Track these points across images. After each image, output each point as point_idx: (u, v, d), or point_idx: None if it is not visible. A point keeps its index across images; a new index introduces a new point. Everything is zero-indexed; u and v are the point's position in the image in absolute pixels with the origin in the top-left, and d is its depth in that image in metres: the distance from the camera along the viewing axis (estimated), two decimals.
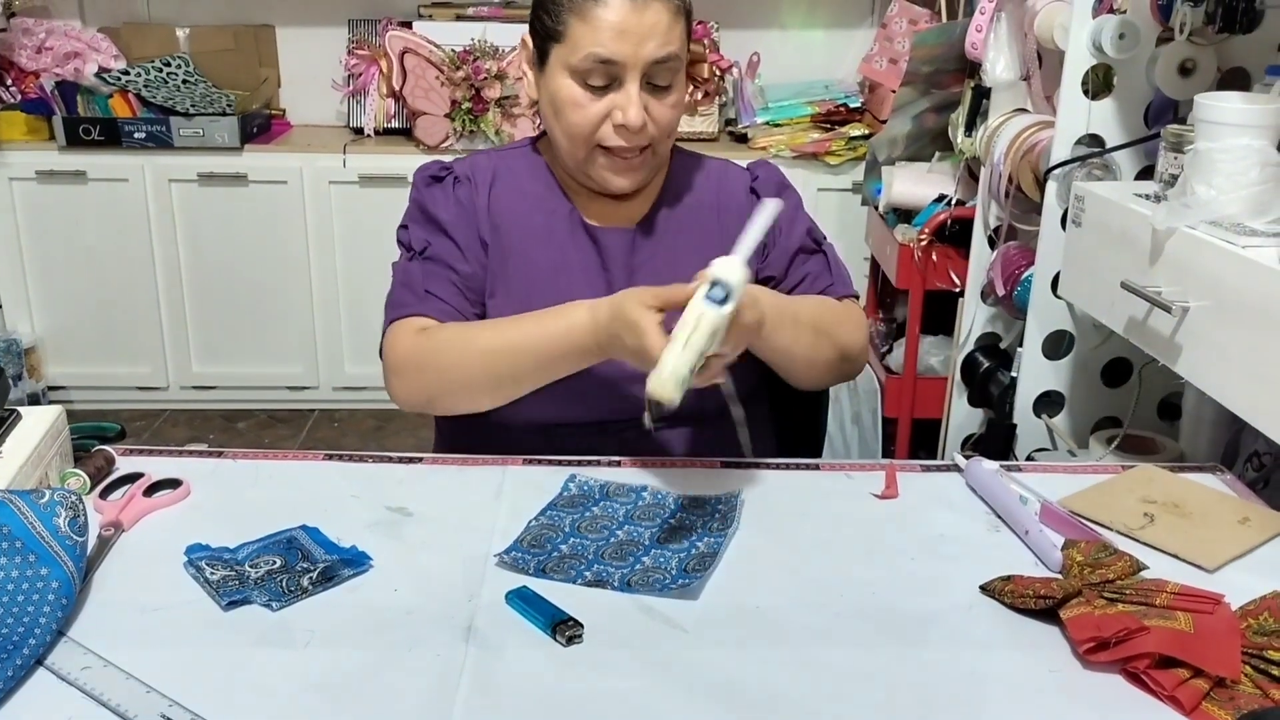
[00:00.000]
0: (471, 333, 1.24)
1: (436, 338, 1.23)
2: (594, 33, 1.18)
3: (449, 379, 1.22)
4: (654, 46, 1.19)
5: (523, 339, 1.19)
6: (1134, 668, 0.88)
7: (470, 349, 1.21)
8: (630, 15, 1.18)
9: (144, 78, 3.14)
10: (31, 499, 0.94)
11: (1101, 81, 1.76)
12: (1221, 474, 1.28)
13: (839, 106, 3.23)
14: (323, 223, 3.16)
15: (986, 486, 1.19)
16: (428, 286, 1.27)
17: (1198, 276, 1.33)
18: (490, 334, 1.22)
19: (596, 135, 1.23)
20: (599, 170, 1.26)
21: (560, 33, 1.21)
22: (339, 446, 3.11)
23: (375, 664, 0.89)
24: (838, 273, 1.39)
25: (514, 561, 1.03)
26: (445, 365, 1.22)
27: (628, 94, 1.21)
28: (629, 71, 1.20)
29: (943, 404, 2.34)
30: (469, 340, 1.22)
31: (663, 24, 1.20)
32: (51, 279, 3.21)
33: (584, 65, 1.20)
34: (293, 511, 1.11)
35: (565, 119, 1.23)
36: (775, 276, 1.36)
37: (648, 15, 1.19)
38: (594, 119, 1.22)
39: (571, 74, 1.21)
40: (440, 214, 1.30)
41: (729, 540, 1.08)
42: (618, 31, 1.18)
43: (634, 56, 1.19)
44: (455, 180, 1.32)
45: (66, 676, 0.86)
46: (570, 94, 1.22)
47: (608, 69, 1.20)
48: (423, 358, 1.22)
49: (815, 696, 0.87)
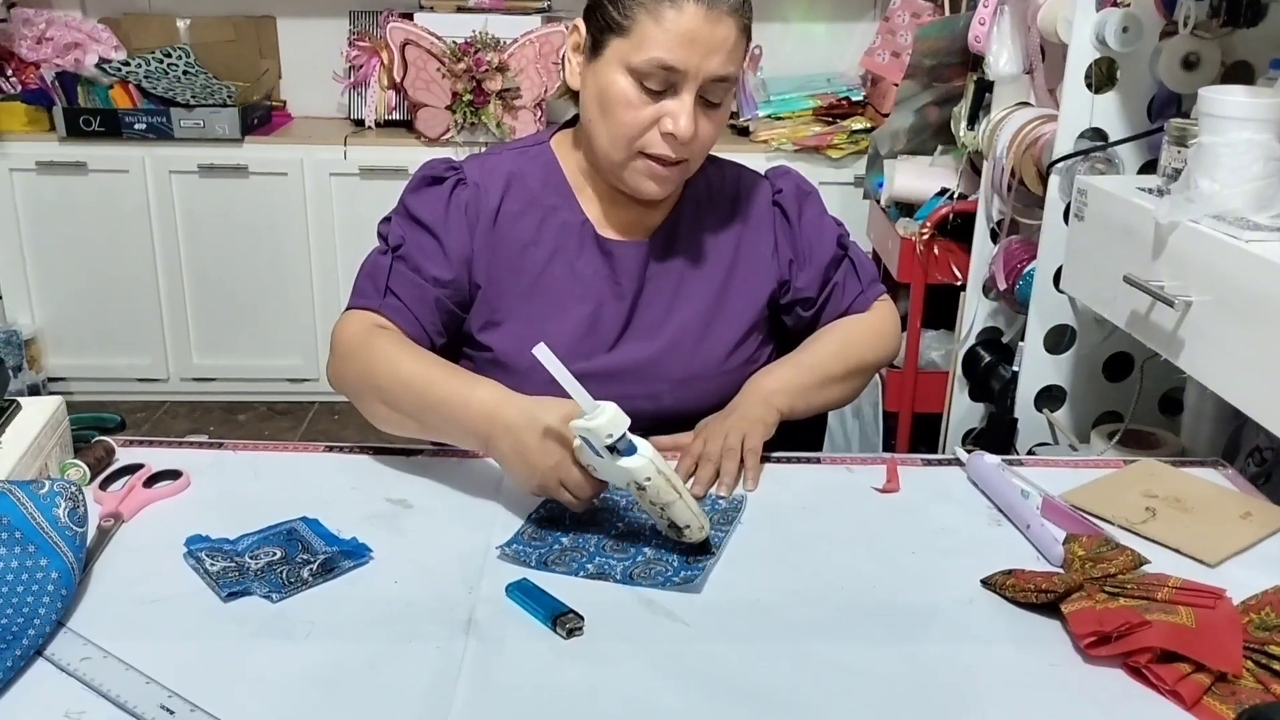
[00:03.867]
0: (404, 355, 1.19)
1: (377, 342, 1.21)
2: (664, 35, 1.15)
3: (367, 384, 1.20)
4: (719, 62, 1.17)
5: (430, 386, 1.15)
6: (1135, 662, 0.88)
7: (393, 369, 1.18)
8: (703, 26, 1.15)
9: (144, 69, 3.13)
10: (31, 490, 0.94)
11: (1105, 75, 1.76)
12: (1223, 469, 1.28)
13: (841, 100, 3.22)
14: (323, 214, 3.16)
15: (988, 481, 1.18)
16: (390, 284, 1.25)
17: (1201, 271, 1.33)
18: (414, 366, 1.18)
19: (641, 140, 1.20)
20: (634, 174, 1.23)
21: (626, 28, 1.17)
22: (339, 438, 3.10)
23: (375, 656, 0.89)
24: (865, 274, 1.40)
25: (515, 554, 1.03)
26: (370, 371, 1.19)
27: (682, 103, 1.17)
28: (689, 82, 1.16)
29: (944, 398, 2.34)
30: (397, 360, 1.18)
31: (730, 40, 1.17)
32: (52, 270, 3.20)
33: (645, 67, 1.16)
34: (293, 503, 1.11)
35: (614, 116, 1.19)
36: (811, 297, 1.37)
37: (719, 29, 1.16)
38: (644, 122, 1.19)
39: (630, 72, 1.17)
40: (425, 214, 1.27)
41: (730, 534, 1.08)
42: (688, 40, 1.15)
43: (698, 68, 1.16)
44: (461, 183, 1.28)
45: (66, 667, 0.86)
46: (623, 92, 1.18)
47: (668, 75, 1.16)
48: (358, 354, 1.21)
49: (816, 690, 0.87)
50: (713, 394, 1.29)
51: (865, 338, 1.37)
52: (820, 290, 1.37)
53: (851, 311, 1.38)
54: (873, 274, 1.42)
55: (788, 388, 1.28)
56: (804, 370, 1.31)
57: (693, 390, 1.29)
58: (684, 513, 1.02)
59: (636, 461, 1.00)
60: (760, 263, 1.35)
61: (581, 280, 1.29)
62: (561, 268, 1.29)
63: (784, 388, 1.27)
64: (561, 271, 1.29)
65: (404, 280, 1.25)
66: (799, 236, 1.36)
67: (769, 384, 1.28)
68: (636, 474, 1.00)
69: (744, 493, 1.16)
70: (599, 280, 1.29)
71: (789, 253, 1.35)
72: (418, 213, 1.28)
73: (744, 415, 1.23)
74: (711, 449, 1.20)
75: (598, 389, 1.21)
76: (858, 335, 1.36)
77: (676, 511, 1.01)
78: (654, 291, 1.31)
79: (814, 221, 1.37)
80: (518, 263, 1.28)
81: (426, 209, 1.27)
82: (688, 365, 1.30)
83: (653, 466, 1.00)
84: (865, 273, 1.41)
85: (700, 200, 1.34)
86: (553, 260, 1.29)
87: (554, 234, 1.29)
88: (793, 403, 1.27)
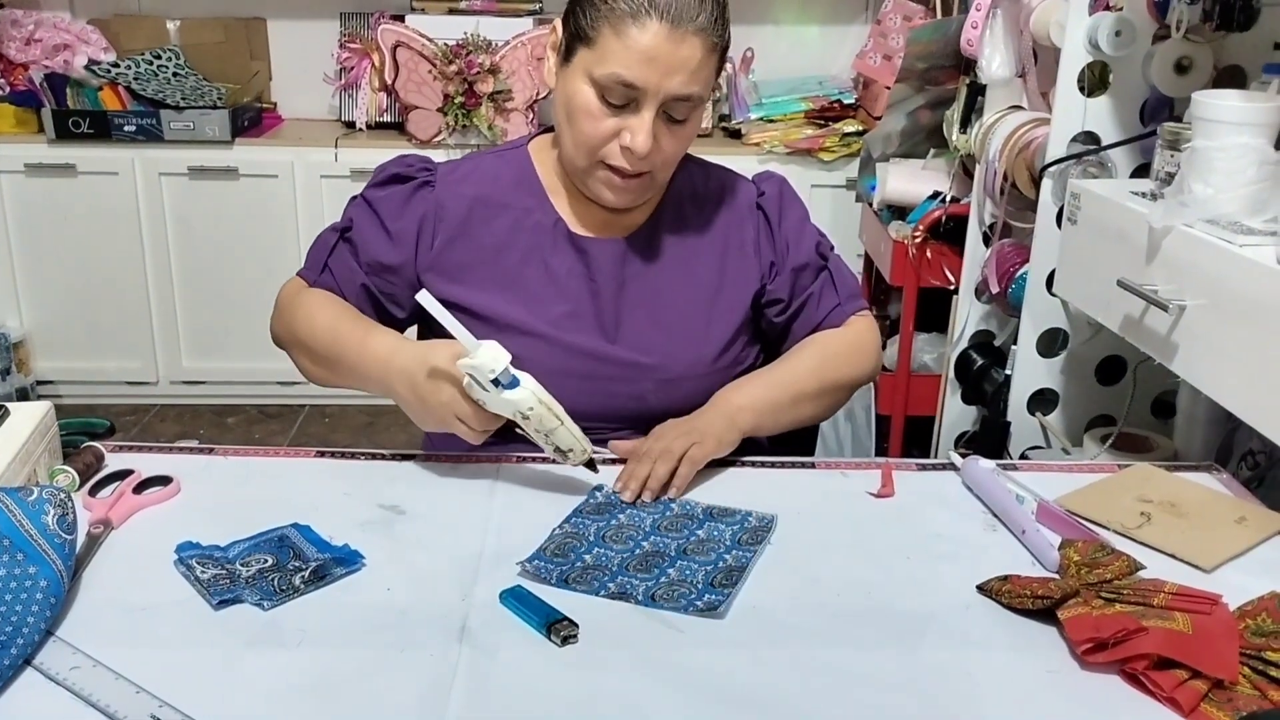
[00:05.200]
0: (322, 308, 1.27)
1: (303, 297, 1.30)
2: (624, 51, 1.14)
3: (292, 336, 1.30)
4: (679, 82, 1.16)
5: (336, 336, 1.24)
6: (1132, 668, 0.88)
7: (309, 321, 1.27)
8: (665, 44, 1.14)
9: (134, 70, 3.12)
10: (19, 496, 0.93)
11: (1097, 79, 1.76)
12: (1217, 473, 1.28)
13: (833, 102, 3.22)
14: (314, 217, 3.14)
15: (983, 485, 1.18)
16: (329, 261, 1.32)
17: (1194, 275, 1.33)
18: (327, 317, 1.26)
19: (602, 150, 1.21)
20: (595, 182, 1.24)
21: (591, 39, 1.17)
22: (330, 442, 3.09)
23: (368, 664, 0.88)
24: (844, 287, 1.37)
25: (536, 570, 1.01)
26: (294, 324, 1.29)
27: (641, 120, 1.17)
28: (648, 99, 1.16)
29: (936, 401, 2.34)
30: (314, 313, 1.27)
31: (694, 60, 1.16)
32: (40, 273, 3.19)
33: (606, 81, 1.16)
34: (284, 509, 1.10)
35: (577, 125, 1.20)
36: (782, 300, 1.35)
37: (682, 48, 1.15)
38: (604, 134, 1.19)
39: (592, 84, 1.18)
40: (380, 206, 1.31)
41: (758, 558, 1.05)
42: (648, 58, 1.14)
43: (658, 86, 1.15)
44: (427, 185, 1.30)
45: (55, 677, 0.85)
46: (586, 102, 1.18)
47: (628, 91, 1.16)
48: (287, 309, 1.31)
49: (811, 697, 0.86)
50: (698, 394, 1.27)
51: (843, 354, 1.34)
52: (791, 294, 1.35)
53: (827, 324, 1.36)
54: (853, 289, 1.39)
55: (756, 405, 1.26)
56: (775, 386, 1.29)
57: (679, 390, 1.29)
58: (566, 437, 1.13)
59: (519, 394, 1.10)
60: (745, 263, 1.34)
61: (556, 278, 1.29)
62: (535, 267, 1.29)
63: (752, 404, 1.25)
64: (536, 271, 1.29)
65: (342, 261, 1.32)
66: (778, 238, 1.35)
67: (737, 400, 1.26)
68: (519, 404, 1.10)
69: (775, 514, 1.13)
70: (574, 278, 1.29)
71: (770, 254, 1.35)
72: (373, 201, 1.32)
73: (701, 427, 1.21)
74: (652, 447, 1.19)
75: (580, 387, 1.22)
76: (834, 351, 1.34)
77: (560, 437, 1.13)
78: (637, 291, 1.30)
79: (795, 226, 1.36)
80: (492, 265, 1.29)
81: (384, 202, 1.31)
82: (675, 366, 1.29)
83: (534, 398, 1.10)
84: (845, 286, 1.38)
85: (683, 201, 1.34)
86: (526, 260, 1.29)
87: (527, 234, 1.30)
88: (759, 421, 1.26)
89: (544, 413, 1.11)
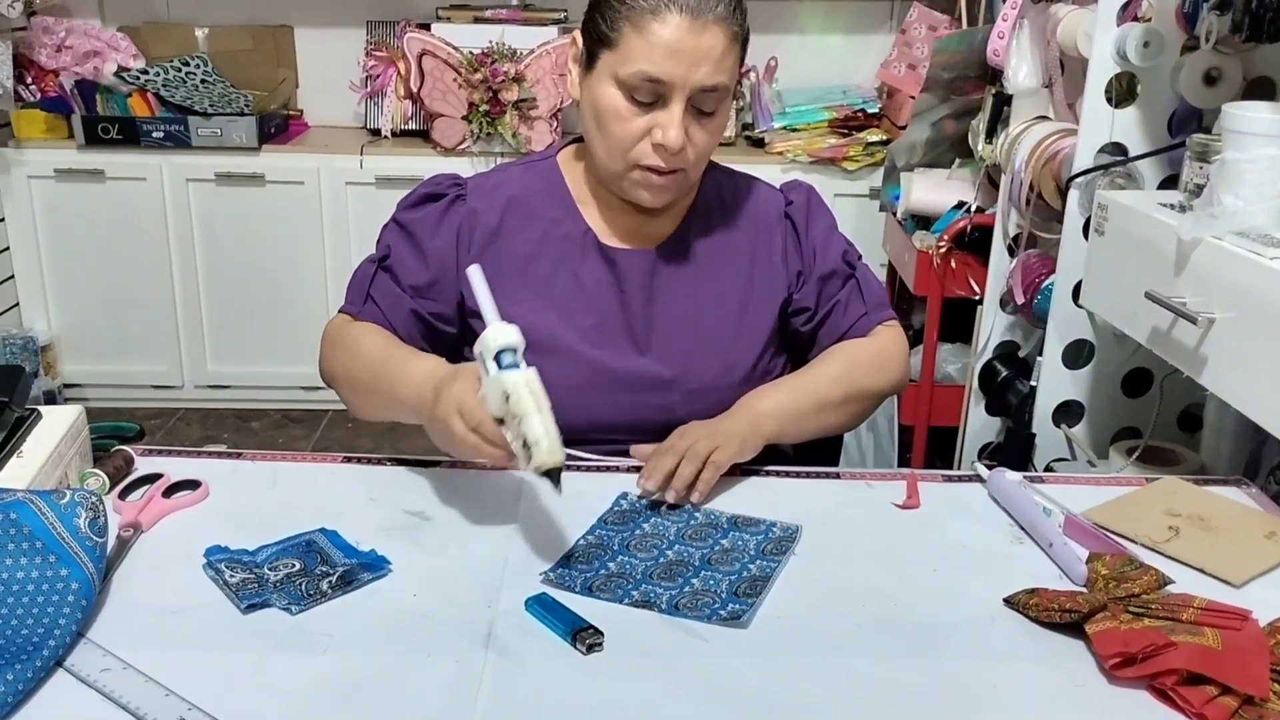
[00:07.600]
0: (367, 338, 1.27)
1: (349, 330, 1.29)
2: (647, 48, 1.15)
3: (339, 370, 1.29)
4: (705, 72, 1.17)
5: (381, 362, 1.22)
6: (1161, 684, 0.87)
7: (356, 348, 1.26)
8: (687, 36, 1.15)
9: (163, 77, 3.15)
10: (52, 499, 0.94)
11: (1125, 90, 1.75)
12: (1246, 487, 1.27)
13: (857, 112, 3.22)
14: (339, 223, 3.16)
15: (1009, 498, 1.18)
16: (371, 292, 1.31)
17: (1223, 287, 1.32)
18: (373, 344, 1.25)
19: (634, 152, 1.21)
20: (631, 184, 1.24)
21: (613, 40, 1.18)
22: (353, 447, 3.09)
23: (394, 669, 0.89)
24: (871, 296, 1.37)
25: (560, 579, 1.01)
26: (340, 357, 1.29)
27: (671, 115, 1.18)
28: (677, 92, 1.17)
29: (960, 412, 2.33)
30: (359, 340, 1.27)
31: (718, 50, 1.17)
32: (68, 277, 3.22)
33: (632, 80, 1.17)
34: (311, 514, 1.11)
35: (607, 129, 1.21)
36: (809, 308, 1.35)
37: (705, 39, 1.16)
38: (635, 133, 1.20)
39: (618, 85, 1.18)
40: (414, 227, 1.31)
41: (782, 568, 1.05)
42: (671, 51, 1.15)
43: (684, 79, 1.16)
44: (459, 200, 1.31)
45: (86, 678, 0.86)
46: (614, 105, 1.19)
47: (655, 87, 1.17)
48: (333, 344, 1.31)
49: (835, 707, 0.86)
50: (725, 406, 1.27)
51: (868, 363, 1.34)
52: (818, 302, 1.35)
53: (853, 333, 1.36)
54: (880, 298, 1.39)
55: (779, 412, 1.25)
56: (799, 394, 1.28)
57: (706, 401, 1.28)
58: (536, 427, 1.00)
59: (511, 375, 1.02)
60: (773, 273, 1.34)
61: (585, 289, 1.29)
62: (565, 278, 1.30)
63: (775, 412, 1.25)
64: (565, 281, 1.29)
65: (384, 289, 1.31)
66: (805, 247, 1.35)
67: (761, 406, 1.26)
68: (506, 383, 1.01)
69: (799, 524, 1.13)
70: (604, 288, 1.30)
71: (797, 263, 1.35)
72: (407, 224, 1.32)
73: (725, 431, 1.21)
74: (676, 444, 1.18)
75: (608, 398, 1.21)
76: (860, 360, 1.33)
77: (530, 424, 1.00)
78: (667, 302, 1.30)
79: (822, 234, 1.36)
80: (523, 273, 1.29)
81: (418, 223, 1.31)
82: (703, 376, 1.29)
83: (522, 379, 1.02)
84: (872, 295, 1.38)
85: (711, 211, 1.34)
86: (556, 271, 1.30)
87: (556, 245, 1.30)
88: (781, 428, 1.25)
89: (524, 394, 1.01)
